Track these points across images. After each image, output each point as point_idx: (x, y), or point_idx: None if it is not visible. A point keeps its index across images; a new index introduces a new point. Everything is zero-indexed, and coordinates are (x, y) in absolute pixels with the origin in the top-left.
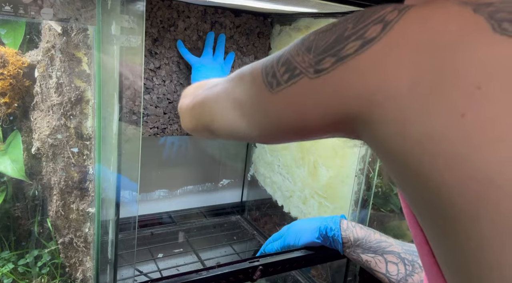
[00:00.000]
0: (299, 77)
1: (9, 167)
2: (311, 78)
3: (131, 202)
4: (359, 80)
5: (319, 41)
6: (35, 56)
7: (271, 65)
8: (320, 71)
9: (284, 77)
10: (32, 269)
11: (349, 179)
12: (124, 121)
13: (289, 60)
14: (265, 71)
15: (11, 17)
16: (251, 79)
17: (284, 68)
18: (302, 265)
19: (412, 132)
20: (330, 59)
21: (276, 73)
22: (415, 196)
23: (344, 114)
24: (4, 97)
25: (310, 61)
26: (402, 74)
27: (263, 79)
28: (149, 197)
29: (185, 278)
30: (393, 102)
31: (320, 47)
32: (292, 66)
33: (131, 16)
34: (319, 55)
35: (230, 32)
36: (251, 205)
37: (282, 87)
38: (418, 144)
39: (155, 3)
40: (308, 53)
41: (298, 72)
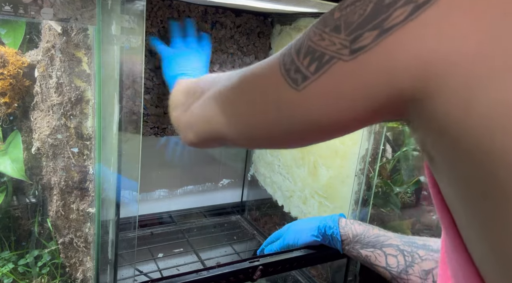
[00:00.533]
0: (330, 63)
1: (9, 167)
2: (346, 60)
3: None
4: (412, 50)
5: (349, 17)
6: (35, 56)
7: (291, 60)
8: (357, 50)
9: (310, 69)
10: (32, 269)
11: (349, 179)
12: (124, 121)
13: (313, 48)
14: (285, 68)
15: (11, 17)
16: (267, 81)
17: (308, 58)
18: (302, 265)
19: (481, 102)
20: (370, 33)
21: (300, 67)
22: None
23: (392, 94)
24: (4, 97)
25: (342, 42)
26: (467, 38)
27: (284, 77)
28: (149, 197)
29: (185, 278)
30: (457, 68)
31: (353, 22)
32: (319, 53)
33: (131, 16)
34: (355, 32)
35: (230, 32)
36: (251, 205)
37: (310, 80)
38: (487, 116)
39: (156, 3)
40: (337, 33)
41: (328, 58)
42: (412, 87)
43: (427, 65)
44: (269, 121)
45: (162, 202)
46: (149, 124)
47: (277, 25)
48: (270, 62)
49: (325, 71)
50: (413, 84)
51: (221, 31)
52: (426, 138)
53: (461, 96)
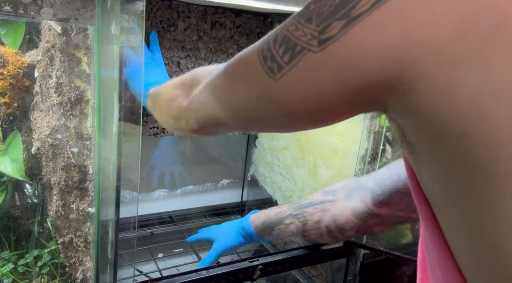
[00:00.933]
0: (301, 54)
1: (9, 167)
2: (315, 52)
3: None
4: (380, 38)
5: (321, 8)
6: (35, 56)
7: (268, 47)
8: (325, 41)
9: (285, 59)
10: (32, 269)
11: (348, 178)
12: (124, 121)
13: (287, 37)
14: (263, 55)
15: (11, 17)
16: (248, 67)
17: (282, 48)
18: (302, 264)
19: (464, 87)
20: (337, 23)
21: (275, 55)
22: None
23: (365, 83)
24: (4, 97)
25: (312, 33)
26: (443, 20)
27: (262, 65)
28: (149, 197)
29: (185, 278)
30: (436, 54)
31: (323, 13)
32: (292, 44)
33: (131, 16)
34: (324, 22)
35: (230, 32)
36: (251, 205)
37: (285, 70)
38: (470, 101)
39: (155, 3)
40: (309, 23)
41: (300, 49)
42: (384, 76)
43: (399, 53)
44: (253, 106)
45: (162, 202)
46: (148, 124)
47: (276, 25)
48: (251, 49)
49: (297, 62)
50: (384, 72)
51: (220, 31)
52: (405, 126)
53: (440, 83)
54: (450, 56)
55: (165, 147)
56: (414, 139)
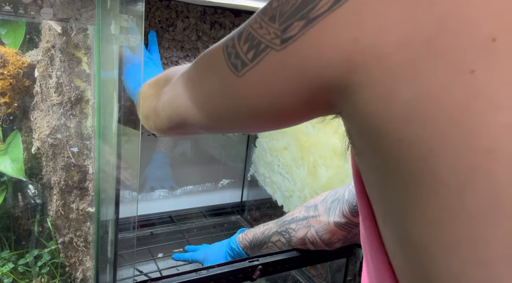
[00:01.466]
0: (265, 52)
1: (9, 167)
2: (278, 50)
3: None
4: (334, 40)
5: (284, 6)
6: (35, 56)
7: (232, 44)
8: (287, 40)
9: (248, 56)
10: (32, 269)
11: (348, 178)
12: (123, 120)
13: (252, 35)
14: (227, 52)
15: (11, 17)
16: (213, 63)
17: (247, 45)
18: (302, 265)
19: (401, 93)
20: (298, 23)
21: (239, 52)
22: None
23: (319, 84)
24: (4, 97)
25: (276, 31)
26: (389, 28)
27: (226, 62)
28: (149, 197)
29: (184, 277)
30: (378, 60)
31: (286, 12)
32: (256, 41)
33: (131, 15)
34: (286, 22)
35: (229, 32)
36: (251, 205)
37: (249, 67)
38: (407, 107)
39: (153, 3)
40: (273, 22)
41: (264, 46)
42: (335, 78)
43: (349, 56)
44: (217, 104)
45: (162, 202)
46: None
47: None
48: (216, 45)
49: (260, 60)
50: (337, 75)
51: (220, 31)
52: (351, 129)
53: (379, 88)
54: (390, 63)
55: (165, 147)
56: (358, 142)
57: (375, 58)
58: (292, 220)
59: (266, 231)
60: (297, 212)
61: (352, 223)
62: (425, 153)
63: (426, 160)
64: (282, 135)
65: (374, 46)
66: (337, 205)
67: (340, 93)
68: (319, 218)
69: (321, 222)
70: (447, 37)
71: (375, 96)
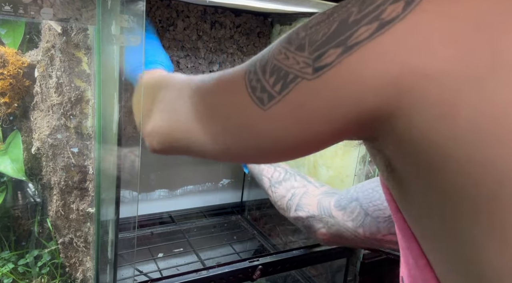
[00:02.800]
0: (294, 82)
1: (9, 167)
2: (309, 79)
3: (131, 202)
4: (377, 66)
5: (314, 35)
6: (35, 56)
7: (257, 78)
8: (321, 68)
9: (276, 88)
10: (32, 269)
11: (348, 178)
12: (123, 121)
13: (278, 67)
14: (251, 86)
15: (11, 17)
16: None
17: (274, 77)
18: (302, 265)
19: (464, 112)
20: (333, 51)
21: (266, 85)
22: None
23: (359, 111)
24: (4, 97)
25: (306, 60)
26: (441, 51)
27: (250, 96)
28: (149, 197)
29: (184, 278)
30: (433, 81)
31: (317, 41)
32: (283, 73)
33: (131, 16)
34: (318, 50)
35: (230, 32)
36: (251, 205)
37: (277, 99)
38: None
39: (154, 3)
40: (301, 51)
41: (292, 77)
42: (379, 104)
43: (396, 79)
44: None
45: (162, 202)
46: None
47: (276, 25)
48: (236, 77)
49: (290, 91)
50: (379, 100)
51: (220, 31)
52: (395, 154)
53: (439, 107)
54: (448, 82)
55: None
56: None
57: (430, 78)
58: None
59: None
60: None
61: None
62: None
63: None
64: None
65: (426, 67)
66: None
67: (384, 119)
68: None
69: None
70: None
71: (434, 116)
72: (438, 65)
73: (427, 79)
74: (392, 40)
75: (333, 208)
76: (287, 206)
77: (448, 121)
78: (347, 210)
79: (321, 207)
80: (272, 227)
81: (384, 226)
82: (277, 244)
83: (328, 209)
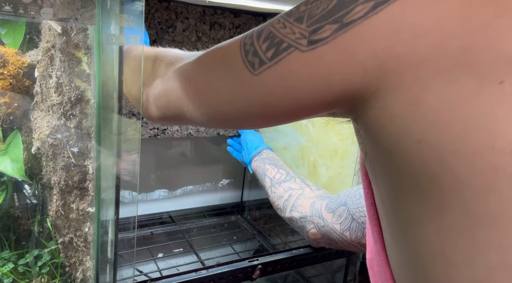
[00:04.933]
0: (287, 51)
1: (9, 166)
2: (303, 51)
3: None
4: (369, 46)
5: (313, 10)
6: (35, 56)
7: (251, 42)
8: (316, 42)
9: (267, 54)
10: (32, 269)
11: (348, 178)
12: (123, 121)
13: (273, 34)
14: (244, 50)
15: (11, 17)
16: (227, 59)
17: (267, 43)
18: (301, 264)
19: (429, 98)
20: (330, 27)
21: (258, 50)
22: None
23: (347, 87)
24: (4, 97)
25: (302, 32)
26: (423, 37)
27: (243, 59)
28: (149, 197)
29: (184, 277)
30: (411, 67)
31: (316, 15)
32: (277, 40)
33: (131, 15)
34: (315, 24)
35: (229, 33)
36: (251, 205)
37: (267, 66)
38: (433, 111)
39: (153, 5)
40: (299, 23)
41: (286, 45)
42: (367, 83)
43: (383, 62)
44: (224, 100)
45: (162, 202)
46: (149, 125)
47: None
48: (232, 41)
49: (281, 59)
50: (367, 79)
51: (219, 31)
52: (367, 133)
53: (412, 93)
54: (422, 71)
55: (165, 147)
56: (372, 148)
57: (408, 65)
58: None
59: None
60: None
61: None
62: (446, 155)
63: (446, 162)
64: (282, 135)
65: (409, 54)
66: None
67: (366, 98)
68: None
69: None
70: (478, 50)
71: (404, 100)
72: (418, 53)
73: (407, 66)
74: (384, 21)
75: (323, 210)
76: (283, 207)
77: (415, 105)
78: (336, 213)
79: (313, 209)
80: (272, 227)
81: None
82: (277, 244)
83: (319, 211)
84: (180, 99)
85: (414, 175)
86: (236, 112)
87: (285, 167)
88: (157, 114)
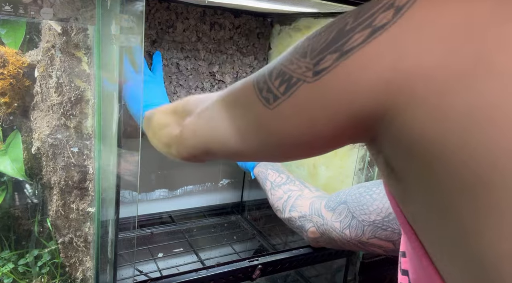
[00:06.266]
0: (296, 85)
1: (9, 167)
2: (310, 82)
3: (131, 202)
4: (371, 68)
5: (315, 44)
6: (35, 56)
7: (264, 80)
8: (319, 72)
9: (280, 90)
10: (32, 269)
11: (348, 179)
12: (123, 120)
13: (283, 71)
14: (258, 87)
15: (11, 17)
16: (244, 98)
17: (278, 80)
18: (302, 264)
19: (455, 105)
20: (330, 56)
21: (271, 87)
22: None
23: (354, 113)
24: (4, 97)
25: (307, 66)
26: (431, 52)
27: (257, 96)
28: (149, 197)
29: (184, 277)
30: (423, 79)
31: (317, 48)
32: (287, 76)
33: (131, 15)
34: (318, 56)
35: (229, 33)
36: (251, 205)
37: (280, 100)
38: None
39: (153, 5)
40: (304, 58)
41: (295, 80)
42: (373, 105)
43: (389, 79)
44: (245, 136)
45: (162, 202)
46: None
47: (276, 25)
48: (246, 80)
49: (292, 92)
50: (373, 102)
51: (220, 32)
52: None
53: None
54: (437, 78)
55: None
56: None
57: (421, 76)
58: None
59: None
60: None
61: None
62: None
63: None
64: None
65: (417, 67)
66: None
67: (380, 119)
68: None
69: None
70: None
71: (426, 110)
72: (426, 65)
73: (418, 78)
74: (384, 44)
75: (323, 209)
76: (283, 207)
77: (437, 114)
78: (336, 211)
79: (313, 208)
80: (272, 227)
81: (369, 229)
82: (277, 244)
83: (318, 209)
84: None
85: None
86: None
87: (286, 172)
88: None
